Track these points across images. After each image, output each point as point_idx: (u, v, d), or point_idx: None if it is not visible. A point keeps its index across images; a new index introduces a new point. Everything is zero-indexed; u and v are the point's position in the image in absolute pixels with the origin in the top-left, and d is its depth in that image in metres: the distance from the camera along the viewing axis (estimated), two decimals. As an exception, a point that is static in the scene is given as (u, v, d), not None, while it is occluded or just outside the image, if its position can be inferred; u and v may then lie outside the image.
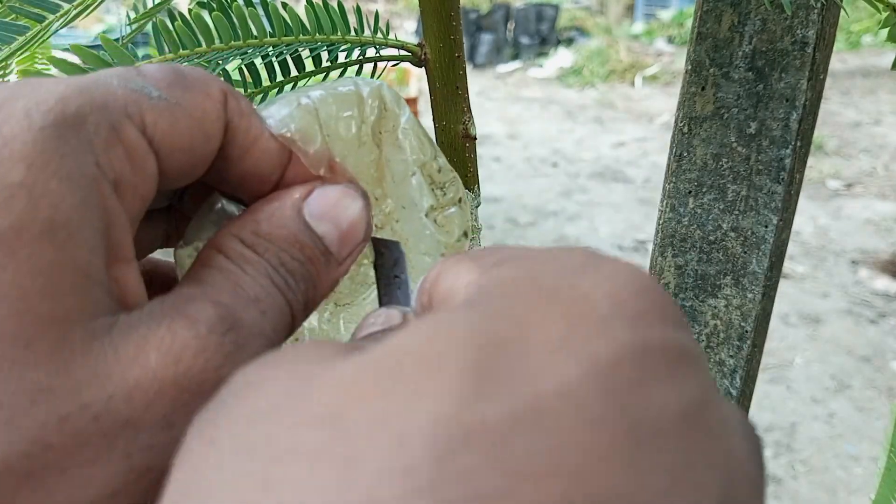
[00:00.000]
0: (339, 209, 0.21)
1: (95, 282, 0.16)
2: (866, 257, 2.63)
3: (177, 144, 0.18)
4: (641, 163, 3.75)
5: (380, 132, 0.25)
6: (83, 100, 0.17)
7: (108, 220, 0.16)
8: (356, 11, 0.32)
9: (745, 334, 0.42)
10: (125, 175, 0.17)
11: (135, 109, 0.17)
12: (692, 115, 0.40)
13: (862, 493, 1.52)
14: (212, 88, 0.19)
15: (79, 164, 0.16)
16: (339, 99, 0.23)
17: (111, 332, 0.16)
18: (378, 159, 0.25)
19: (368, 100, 0.24)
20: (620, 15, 8.22)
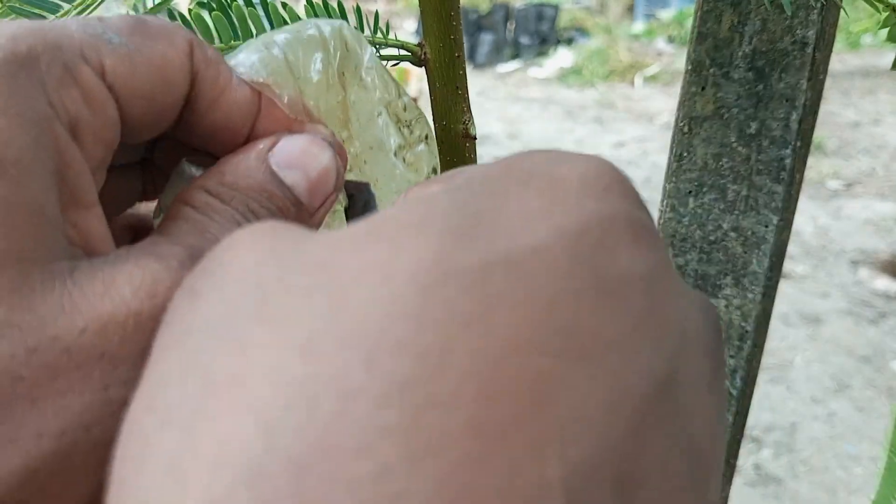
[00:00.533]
0: (308, 158, 0.20)
1: (50, 223, 0.15)
2: (866, 257, 2.63)
3: (138, 91, 0.18)
4: (641, 163, 3.74)
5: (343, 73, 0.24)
6: (35, 39, 0.16)
7: (63, 161, 0.16)
8: (356, 11, 0.32)
9: (745, 334, 0.42)
10: (83, 117, 0.17)
11: (92, 53, 0.17)
12: (692, 114, 0.40)
13: (862, 493, 1.52)
14: (176, 37, 0.19)
15: (30, 102, 0.15)
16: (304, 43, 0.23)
17: (73, 274, 0.15)
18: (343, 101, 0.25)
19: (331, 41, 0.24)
20: (620, 15, 8.22)
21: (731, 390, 0.43)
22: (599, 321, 0.12)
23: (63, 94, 0.16)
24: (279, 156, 0.20)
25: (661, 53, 6.55)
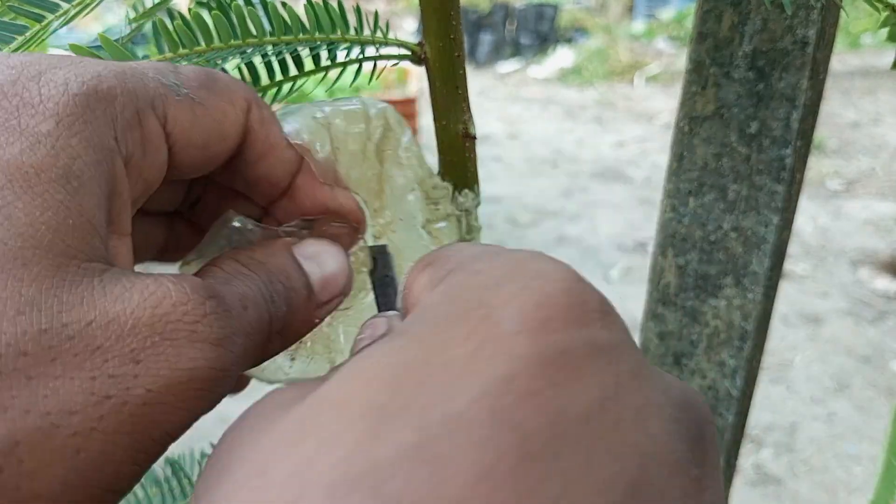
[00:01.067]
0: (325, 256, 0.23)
1: (96, 231, 0.17)
2: (866, 257, 2.63)
3: (192, 140, 0.20)
4: (641, 163, 3.74)
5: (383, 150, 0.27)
6: (117, 82, 0.19)
7: (114, 189, 0.18)
8: (356, 11, 0.32)
9: (745, 334, 0.42)
10: (136, 156, 0.19)
11: (160, 102, 0.20)
12: (693, 114, 0.40)
13: (862, 493, 1.52)
14: (237, 95, 0.22)
15: (100, 133, 0.18)
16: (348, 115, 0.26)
17: (102, 275, 0.17)
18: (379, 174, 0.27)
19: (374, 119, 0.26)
20: (620, 15, 8.22)
21: (731, 390, 0.43)
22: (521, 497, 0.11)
23: (128, 134, 0.19)
24: (303, 250, 0.23)
25: (661, 53, 6.54)
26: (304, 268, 0.22)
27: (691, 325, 0.44)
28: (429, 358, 0.13)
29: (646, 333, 0.45)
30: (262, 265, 0.21)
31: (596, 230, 2.92)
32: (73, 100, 0.17)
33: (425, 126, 2.76)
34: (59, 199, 0.16)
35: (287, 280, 0.22)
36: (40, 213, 0.16)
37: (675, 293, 0.44)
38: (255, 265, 0.21)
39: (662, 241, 0.43)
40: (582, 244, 2.79)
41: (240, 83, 0.22)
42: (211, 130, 0.21)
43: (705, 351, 0.44)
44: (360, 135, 0.26)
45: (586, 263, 2.63)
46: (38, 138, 0.17)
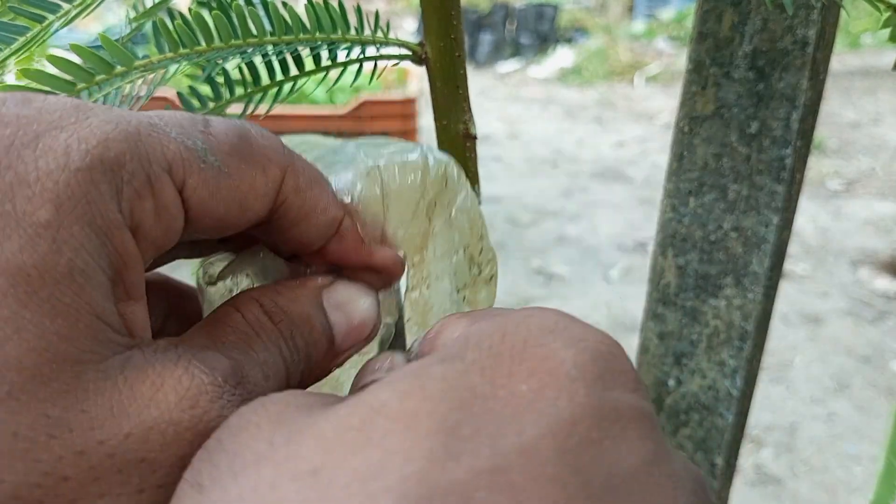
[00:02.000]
0: (354, 304, 0.22)
1: (107, 323, 0.16)
2: (866, 257, 2.63)
3: (211, 212, 0.19)
4: (641, 163, 3.74)
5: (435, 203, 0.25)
6: (126, 147, 0.17)
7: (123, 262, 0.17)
8: (356, 11, 0.32)
9: (745, 334, 0.42)
10: (146, 225, 0.17)
11: (180, 169, 0.18)
12: (693, 114, 0.40)
13: (862, 493, 1.52)
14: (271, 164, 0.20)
15: (103, 210, 0.16)
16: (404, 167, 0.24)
17: (124, 371, 0.16)
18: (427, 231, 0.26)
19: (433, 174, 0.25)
20: (620, 15, 8.21)
21: (731, 390, 0.43)
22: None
23: (136, 203, 0.17)
24: (331, 296, 0.21)
25: (661, 53, 6.54)
26: (330, 318, 0.21)
27: (691, 325, 0.44)
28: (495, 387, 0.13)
29: (646, 333, 0.45)
30: (285, 315, 0.20)
31: (596, 230, 2.92)
32: (75, 177, 0.16)
33: (425, 126, 2.77)
34: (67, 303, 0.15)
35: (309, 334, 0.20)
36: (50, 322, 0.15)
37: (675, 293, 0.44)
38: (277, 314, 0.20)
39: (662, 241, 0.43)
40: (582, 244, 2.79)
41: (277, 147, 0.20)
42: (234, 202, 0.19)
43: (705, 351, 0.44)
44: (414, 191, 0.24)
45: (586, 263, 2.63)
46: (38, 230, 0.15)
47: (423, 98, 2.76)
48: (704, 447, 0.45)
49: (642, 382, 0.15)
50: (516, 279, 2.48)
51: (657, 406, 0.46)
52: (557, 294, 2.39)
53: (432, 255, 0.26)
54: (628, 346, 0.86)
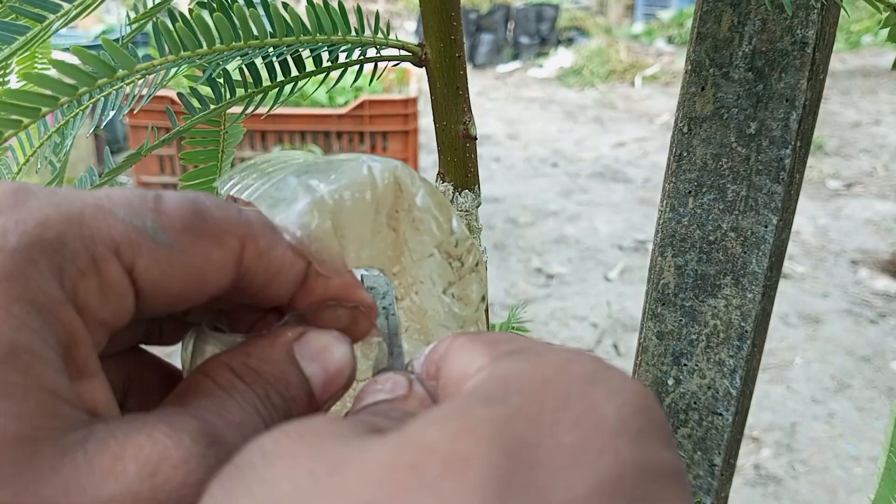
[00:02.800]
0: (328, 353, 0.21)
1: (63, 399, 0.16)
2: (866, 257, 2.63)
3: (166, 289, 0.18)
4: (641, 163, 3.74)
5: (396, 211, 0.25)
6: (67, 227, 0.17)
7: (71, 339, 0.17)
8: (356, 11, 0.32)
9: (744, 334, 0.42)
10: (92, 304, 0.17)
11: (128, 249, 0.17)
12: (692, 115, 0.40)
13: (862, 493, 1.52)
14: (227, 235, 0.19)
15: (44, 289, 0.16)
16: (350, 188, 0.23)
17: (85, 445, 0.15)
18: (396, 240, 0.25)
19: (381, 185, 0.24)
20: (620, 15, 8.21)
21: (730, 390, 0.44)
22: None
23: (80, 283, 0.17)
24: (304, 348, 0.21)
25: (660, 53, 6.54)
26: (306, 372, 0.21)
27: (690, 325, 0.44)
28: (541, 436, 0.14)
29: (645, 333, 0.46)
30: (258, 376, 0.20)
31: (595, 230, 2.92)
32: (12, 257, 0.16)
33: (425, 126, 2.77)
34: (14, 381, 0.15)
35: (286, 390, 0.20)
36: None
37: (674, 293, 0.44)
38: (249, 375, 0.20)
39: (662, 241, 0.44)
40: (581, 244, 2.79)
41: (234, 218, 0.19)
42: (190, 277, 0.19)
43: (704, 350, 0.44)
44: (367, 208, 0.24)
45: (586, 263, 2.63)
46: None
47: (423, 98, 2.76)
48: (703, 446, 0.45)
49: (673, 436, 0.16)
50: (516, 279, 2.48)
51: (657, 406, 0.46)
52: (557, 294, 2.40)
53: (410, 261, 0.26)
54: (628, 346, 0.86)
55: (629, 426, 0.14)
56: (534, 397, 0.15)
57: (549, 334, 2.14)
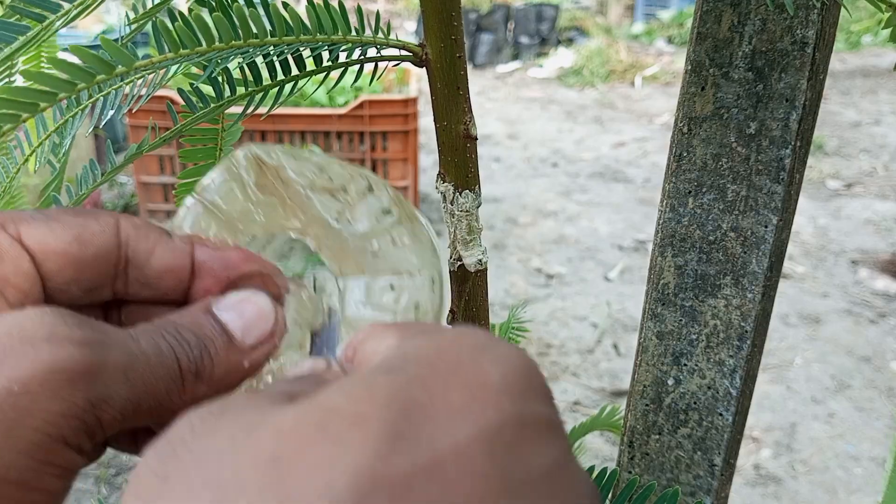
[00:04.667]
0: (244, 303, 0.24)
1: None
2: (866, 257, 2.63)
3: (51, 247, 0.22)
4: (641, 163, 3.74)
5: (264, 184, 0.27)
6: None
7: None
8: (357, 11, 0.32)
9: (744, 334, 0.42)
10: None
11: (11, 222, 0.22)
12: (692, 115, 0.40)
13: (862, 493, 1.52)
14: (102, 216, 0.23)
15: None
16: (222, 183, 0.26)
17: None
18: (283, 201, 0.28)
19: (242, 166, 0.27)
20: (620, 15, 8.21)
21: (730, 390, 0.44)
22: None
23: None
24: (220, 303, 0.24)
25: (660, 53, 6.54)
26: (222, 318, 0.23)
27: (690, 325, 0.44)
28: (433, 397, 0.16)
29: (645, 333, 0.46)
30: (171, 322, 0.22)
31: (595, 230, 2.92)
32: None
33: (425, 126, 2.77)
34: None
35: (198, 329, 0.23)
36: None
37: (674, 293, 0.44)
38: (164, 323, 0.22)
39: (661, 241, 0.44)
40: (581, 244, 2.79)
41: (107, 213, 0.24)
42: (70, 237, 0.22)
43: (704, 350, 0.44)
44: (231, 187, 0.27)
45: (586, 263, 2.63)
46: None
47: (423, 98, 2.76)
48: (703, 447, 0.45)
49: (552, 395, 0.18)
50: (516, 279, 2.48)
51: (656, 406, 0.46)
52: (557, 294, 2.40)
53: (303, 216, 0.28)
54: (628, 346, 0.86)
55: (511, 386, 0.16)
56: (429, 365, 0.16)
57: (549, 334, 2.14)
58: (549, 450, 0.16)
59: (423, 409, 0.15)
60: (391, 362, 0.17)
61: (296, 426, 0.15)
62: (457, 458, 0.14)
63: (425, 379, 0.16)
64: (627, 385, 0.47)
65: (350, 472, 0.13)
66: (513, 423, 0.15)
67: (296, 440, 0.14)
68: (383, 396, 0.15)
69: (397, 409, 0.15)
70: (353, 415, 0.15)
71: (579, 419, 1.40)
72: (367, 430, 0.14)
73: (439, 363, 0.17)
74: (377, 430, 0.14)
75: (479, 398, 0.16)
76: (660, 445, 0.46)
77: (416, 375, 0.16)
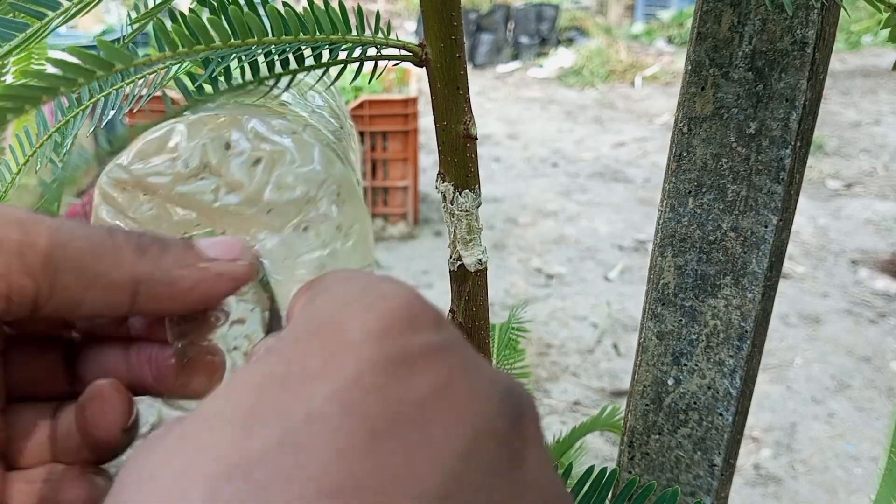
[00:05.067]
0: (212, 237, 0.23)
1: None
2: (866, 257, 2.63)
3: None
4: (641, 163, 3.74)
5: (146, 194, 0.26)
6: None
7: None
8: (357, 11, 0.32)
9: (744, 334, 0.42)
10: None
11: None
12: (692, 115, 0.40)
13: (862, 493, 1.52)
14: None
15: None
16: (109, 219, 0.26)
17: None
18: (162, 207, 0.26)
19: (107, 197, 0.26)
20: (620, 15, 8.21)
21: (730, 390, 0.44)
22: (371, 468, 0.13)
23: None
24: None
25: (660, 53, 6.54)
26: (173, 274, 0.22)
27: (690, 325, 0.44)
28: (289, 368, 0.15)
29: (645, 333, 0.46)
30: None
31: (595, 230, 2.92)
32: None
33: (425, 126, 2.76)
34: None
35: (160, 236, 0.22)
36: None
37: (673, 293, 0.44)
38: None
39: (661, 241, 0.44)
40: (581, 244, 2.79)
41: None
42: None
43: (704, 350, 0.44)
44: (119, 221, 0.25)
45: (585, 263, 2.63)
46: None
47: (422, 98, 2.76)
48: (703, 447, 0.45)
49: (440, 320, 0.17)
50: (516, 279, 2.48)
51: (656, 406, 0.46)
52: (557, 294, 2.39)
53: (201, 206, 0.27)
54: (628, 346, 0.86)
55: (372, 331, 0.15)
56: (294, 337, 0.16)
57: (549, 334, 2.14)
58: (423, 379, 0.14)
59: (278, 383, 0.15)
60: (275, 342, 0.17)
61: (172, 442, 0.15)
62: (311, 422, 0.14)
63: (287, 352, 0.15)
64: (627, 385, 0.47)
65: (204, 469, 0.13)
66: (374, 367, 0.14)
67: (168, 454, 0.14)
68: (240, 384, 0.15)
69: (251, 392, 0.15)
70: (211, 412, 0.15)
71: (579, 419, 1.40)
72: (220, 422, 0.14)
73: (302, 332, 0.16)
74: (229, 419, 0.14)
75: (335, 355, 0.15)
76: (660, 445, 0.46)
77: (280, 351, 0.16)
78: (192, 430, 0.15)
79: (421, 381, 0.14)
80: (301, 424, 0.13)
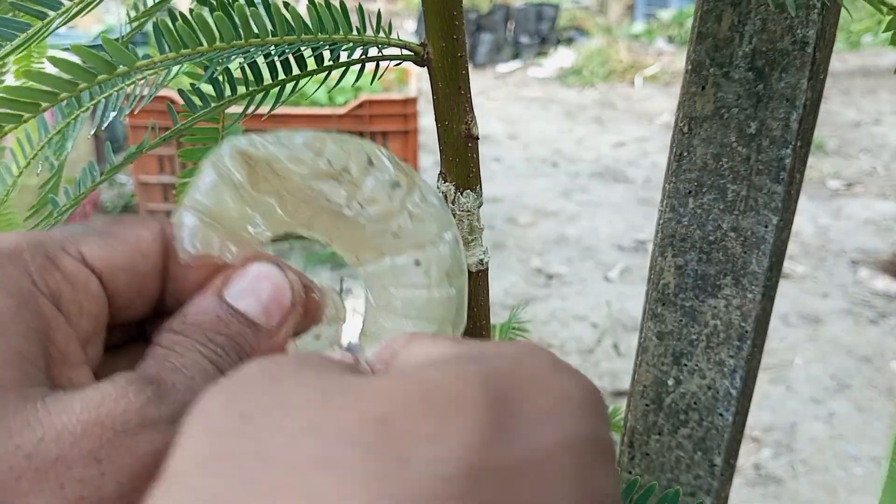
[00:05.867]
0: (257, 284, 0.23)
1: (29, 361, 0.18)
2: (866, 257, 2.63)
3: (116, 264, 0.22)
4: (641, 163, 3.74)
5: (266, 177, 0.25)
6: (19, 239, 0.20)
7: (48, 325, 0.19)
8: (358, 11, 0.32)
9: (745, 334, 0.42)
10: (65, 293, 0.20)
11: (71, 244, 0.21)
12: (692, 114, 0.40)
13: (862, 493, 1.52)
14: (147, 222, 0.23)
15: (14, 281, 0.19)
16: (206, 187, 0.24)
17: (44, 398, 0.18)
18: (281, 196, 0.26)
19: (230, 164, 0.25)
20: (620, 15, 8.22)
21: (730, 390, 0.44)
22: None
23: (45, 276, 0.20)
24: (232, 289, 0.23)
25: (660, 53, 6.54)
26: (240, 308, 0.22)
27: (690, 325, 0.44)
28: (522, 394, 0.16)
29: (645, 333, 0.46)
30: (195, 327, 0.22)
31: (595, 230, 2.92)
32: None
33: (425, 126, 2.76)
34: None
35: (226, 328, 0.22)
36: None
37: (674, 293, 0.44)
38: (188, 329, 0.22)
39: (662, 241, 0.44)
40: (581, 244, 2.79)
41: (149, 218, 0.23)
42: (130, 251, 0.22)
43: (704, 351, 0.44)
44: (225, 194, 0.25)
45: (586, 263, 2.63)
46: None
47: (423, 98, 2.76)
48: (704, 447, 0.45)
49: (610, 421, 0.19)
50: (516, 279, 2.48)
51: (657, 406, 0.46)
52: (557, 294, 2.39)
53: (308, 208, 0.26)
54: (628, 346, 0.87)
55: (588, 405, 0.17)
56: (512, 365, 0.17)
57: (550, 334, 2.14)
58: (608, 471, 0.16)
59: (515, 405, 0.16)
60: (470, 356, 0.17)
61: (400, 393, 0.15)
62: (549, 460, 0.15)
63: (512, 376, 0.16)
64: (627, 385, 0.47)
65: (459, 453, 0.14)
66: (587, 439, 0.16)
67: (402, 406, 0.15)
68: (478, 381, 0.16)
69: (493, 398, 0.15)
70: (456, 393, 0.15)
71: (579, 419, 1.40)
72: (470, 412, 0.15)
73: (520, 369, 0.17)
74: (479, 415, 0.15)
75: (564, 408, 0.16)
76: (660, 446, 0.46)
77: (503, 370, 0.16)
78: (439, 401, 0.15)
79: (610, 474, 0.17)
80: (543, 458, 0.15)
